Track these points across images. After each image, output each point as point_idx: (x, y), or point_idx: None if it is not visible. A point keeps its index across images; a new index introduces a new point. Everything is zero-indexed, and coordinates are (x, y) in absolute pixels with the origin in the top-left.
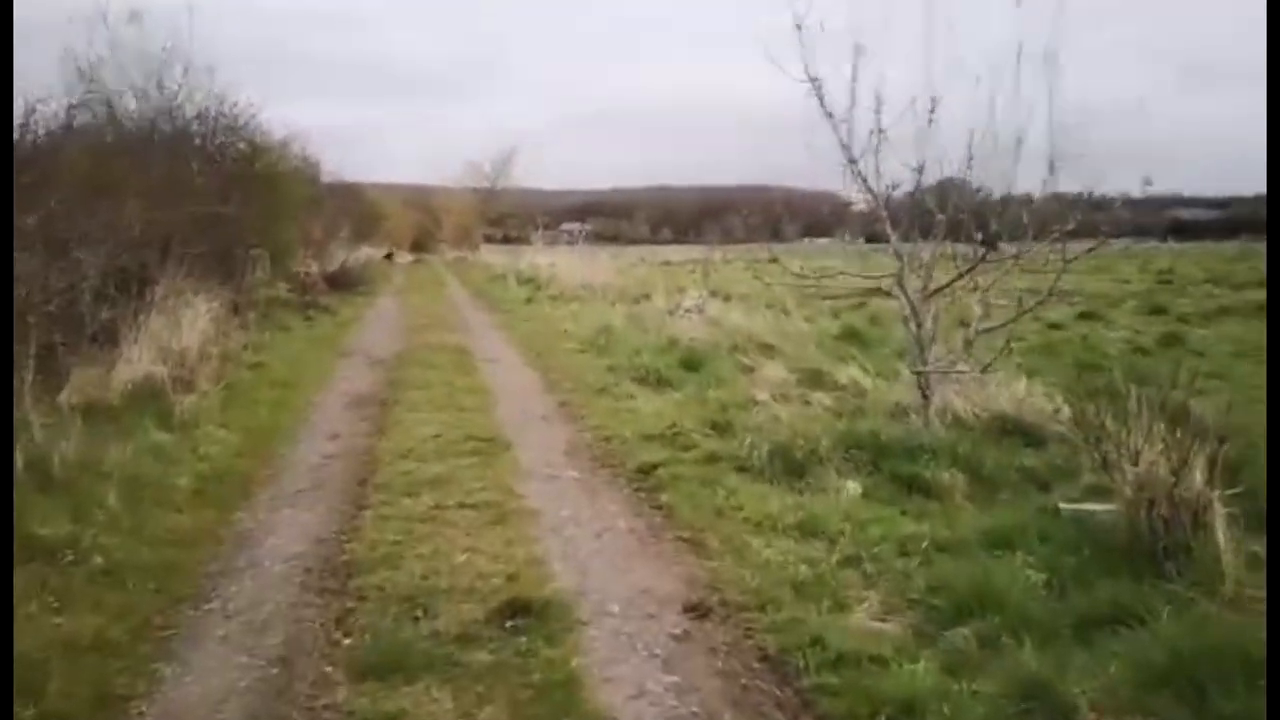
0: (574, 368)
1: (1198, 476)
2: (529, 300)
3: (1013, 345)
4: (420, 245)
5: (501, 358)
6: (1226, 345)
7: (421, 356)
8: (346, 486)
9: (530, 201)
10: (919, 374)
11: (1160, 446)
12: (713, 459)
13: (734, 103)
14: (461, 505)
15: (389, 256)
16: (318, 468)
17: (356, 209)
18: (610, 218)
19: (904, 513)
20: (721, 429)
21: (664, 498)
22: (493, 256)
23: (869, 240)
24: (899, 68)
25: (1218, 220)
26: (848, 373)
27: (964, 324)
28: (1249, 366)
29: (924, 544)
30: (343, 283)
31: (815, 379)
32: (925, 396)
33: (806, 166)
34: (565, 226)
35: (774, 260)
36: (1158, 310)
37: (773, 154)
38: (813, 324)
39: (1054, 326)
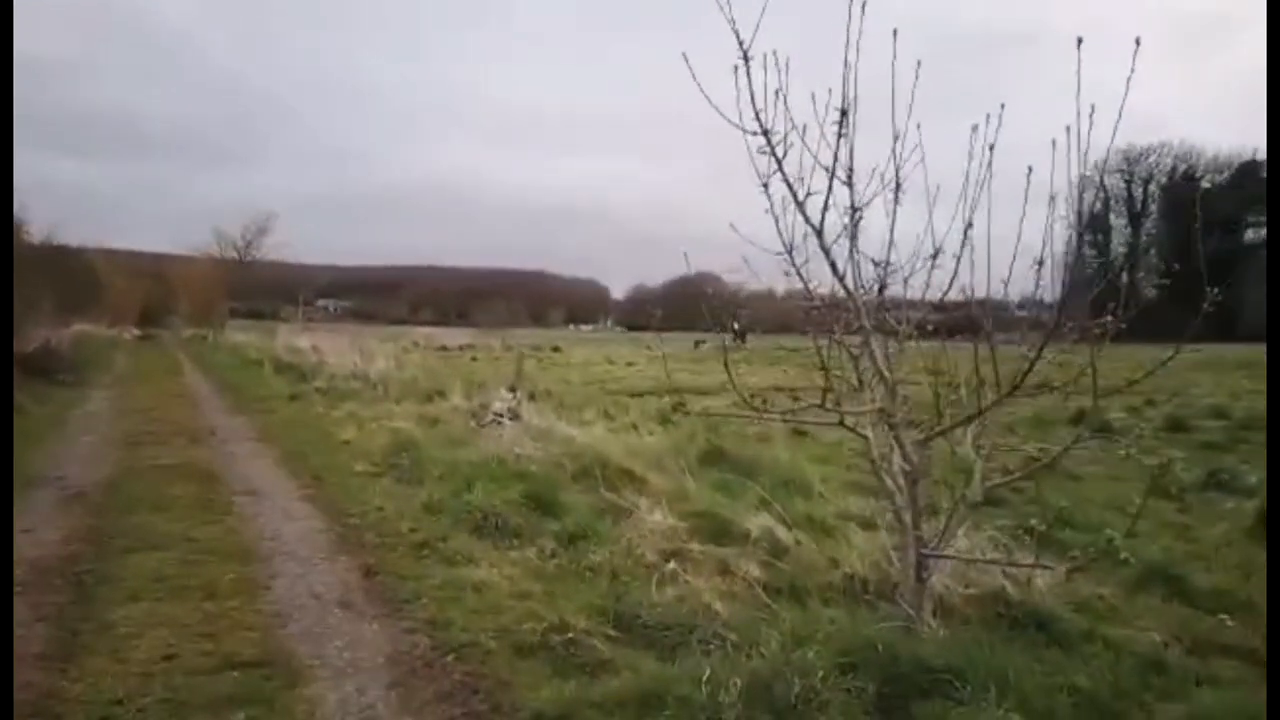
0: (372, 504)
1: None
2: (294, 397)
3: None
4: (151, 319)
5: (264, 487)
6: None
7: (146, 487)
8: None
9: (282, 275)
10: (925, 557)
11: None
12: (649, 705)
13: (503, 188)
14: None
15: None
16: None
17: (68, 277)
18: (370, 296)
19: None
20: (629, 627)
21: None
22: (242, 335)
23: (628, 328)
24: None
25: (938, 321)
26: (755, 521)
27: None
28: None
29: None
30: (43, 369)
31: (714, 528)
32: (920, 579)
33: (570, 253)
34: (321, 302)
35: (556, 349)
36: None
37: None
38: (661, 438)
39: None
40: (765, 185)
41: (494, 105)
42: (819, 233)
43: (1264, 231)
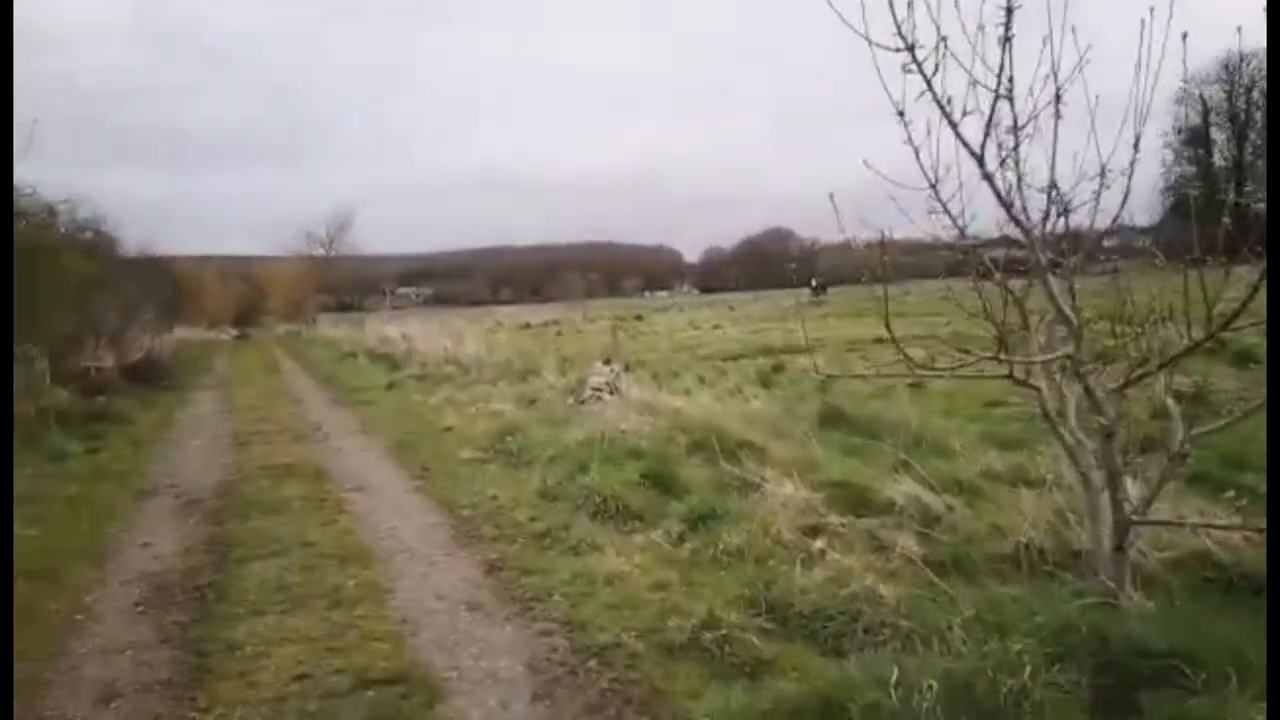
0: (484, 492)
1: None
2: (390, 385)
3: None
4: (245, 320)
5: (375, 481)
6: None
7: (259, 490)
8: None
9: (363, 268)
10: (1135, 523)
11: None
12: (831, 715)
13: (568, 164)
14: None
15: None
16: None
17: (165, 286)
18: (447, 280)
19: None
20: (783, 618)
21: None
22: (333, 329)
23: (703, 291)
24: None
25: (1023, 258)
26: (898, 488)
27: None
28: None
29: None
30: (147, 376)
31: (851, 498)
32: (1120, 546)
33: (639, 221)
34: (401, 290)
35: (639, 318)
36: None
37: (607, 213)
38: (768, 402)
39: None
40: (901, 113)
41: (552, 79)
42: (979, 159)
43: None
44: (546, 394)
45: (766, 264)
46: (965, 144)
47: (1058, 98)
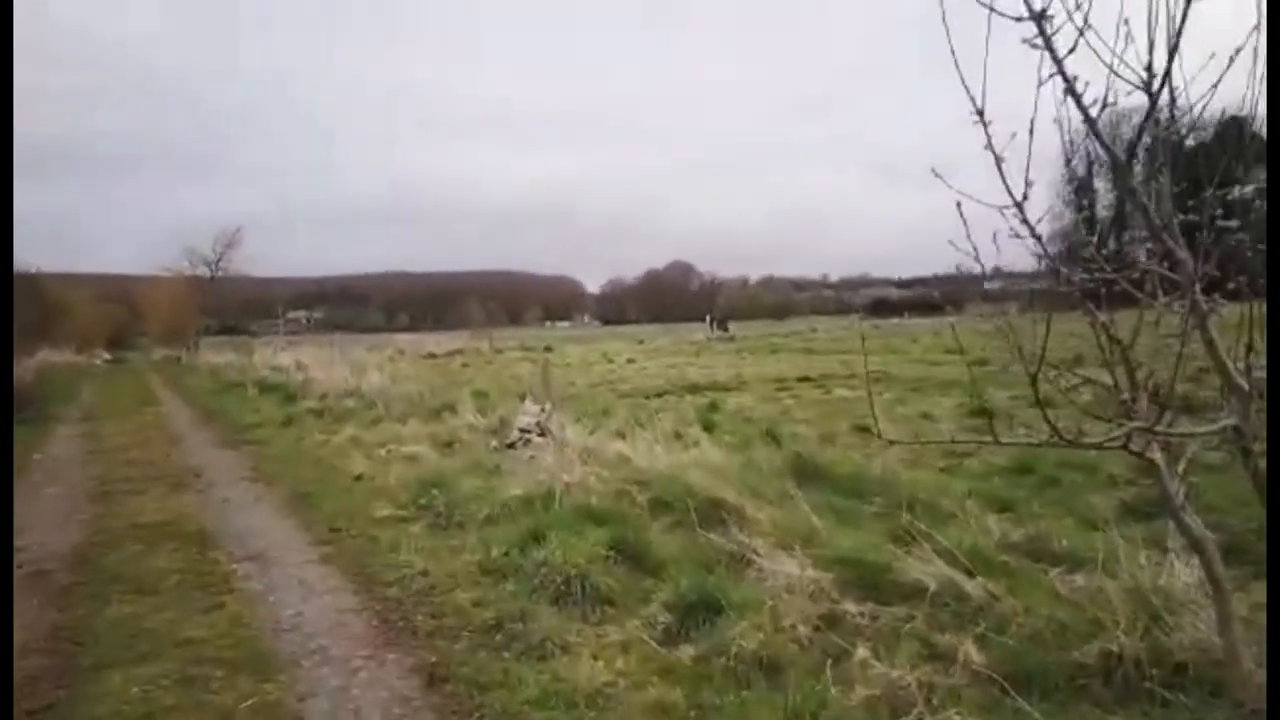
0: (411, 565)
1: None
2: (286, 422)
3: None
4: (121, 343)
5: (271, 547)
6: None
7: (125, 559)
8: None
9: (252, 290)
10: None
11: None
12: None
13: (472, 192)
14: None
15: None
16: None
17: (28, 304)
18: (341, 305)
19: None
20: None
21: None
22: (217, 355)
23: (605, 323)
24: None
25: (905, 299)
26: (924, 568)
27: None
28: None
29: None
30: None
31: (866, 578)
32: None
33: (542, 250)
34: (292, 315)
35: (549, 349)
36: None
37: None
38: (722, 449)
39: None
40: (980, 113)
41: (458, 105)
42: (1127, 162)
43: (1251, 188)
44: (466, 435)
45: (668, 297)
46: (1105, 145)
47: None
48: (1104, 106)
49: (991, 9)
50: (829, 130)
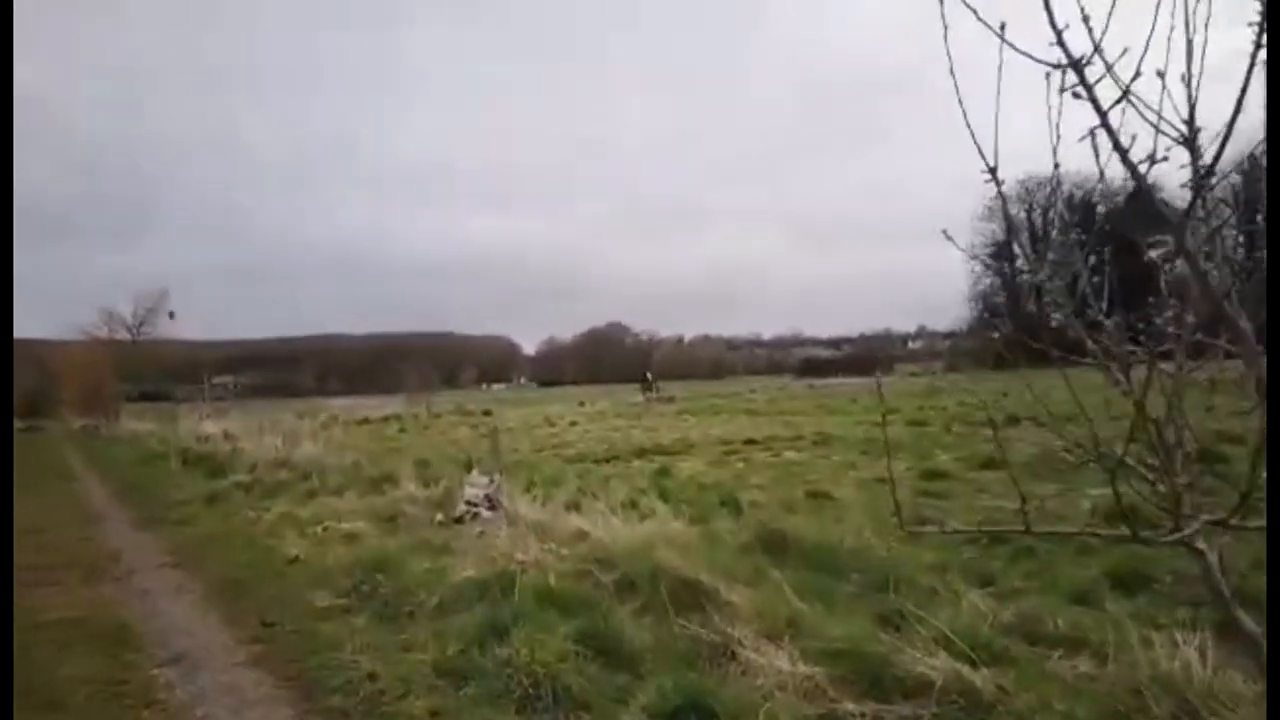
0: (356, 666)
1: None
2: (212, 498)
3: None
4: (35, 411)
5: (197, 646)
6: None
7: (30, 665)
8: None
9: (176, 355)
10: None
11: None
12: None
13: (404, 248)
14: None
15: None
16: None
17: None
18: (268, 370)
19: None
20: None
21: None
22: (139, 422)
23: (541, 384)
24: None
25: (835, 358)
26: (928, 660)
27: None
28: None
29: None
30: None
31: (862, 672)
32: None
33: (476, 311)
34: (218, 380)
35: (488, 413)
36: None
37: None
38: (679, 520)
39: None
40: (993, 169)
41: (388, 165)
42: (1184, 221)
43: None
44: (409, 508)
45: (604, 356)
46: (1164, 205)
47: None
48: (1153, 163)
49: (1029, 55)
50: (762, 191)
